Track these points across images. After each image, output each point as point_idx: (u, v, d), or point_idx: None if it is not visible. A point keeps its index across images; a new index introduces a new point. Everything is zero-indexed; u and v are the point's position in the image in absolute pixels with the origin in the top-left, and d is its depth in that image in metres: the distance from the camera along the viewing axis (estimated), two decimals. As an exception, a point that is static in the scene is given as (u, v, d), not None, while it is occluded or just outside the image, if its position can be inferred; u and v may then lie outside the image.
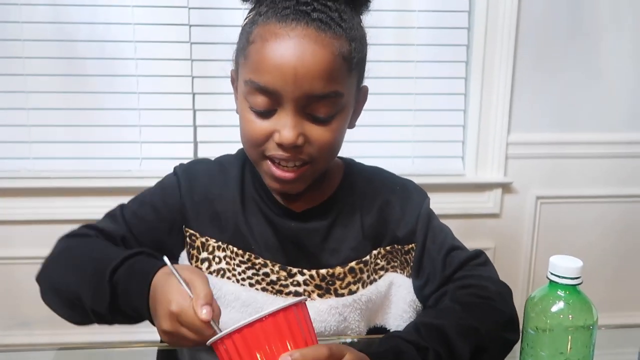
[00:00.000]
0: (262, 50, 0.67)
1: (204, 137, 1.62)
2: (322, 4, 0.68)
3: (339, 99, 0.68)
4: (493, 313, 0.69)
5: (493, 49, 1.61)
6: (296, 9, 0.66)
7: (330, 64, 0.66)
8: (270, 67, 0.66)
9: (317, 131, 0.69)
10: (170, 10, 1.55)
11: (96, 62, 1.56)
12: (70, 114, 1.59)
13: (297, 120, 0.67)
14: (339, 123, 0.70)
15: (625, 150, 1.71)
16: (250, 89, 0.68)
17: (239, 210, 0.78)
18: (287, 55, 0.65)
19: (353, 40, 0.69)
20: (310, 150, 0.69)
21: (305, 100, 0.67)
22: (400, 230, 0.79)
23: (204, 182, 0.80)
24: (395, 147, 1.68)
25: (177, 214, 0.78)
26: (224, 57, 1.67)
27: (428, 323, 0.65)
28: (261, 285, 0.76)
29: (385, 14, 1.59)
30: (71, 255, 0.73)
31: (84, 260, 0.71)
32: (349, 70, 0.69)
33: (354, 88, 0.72)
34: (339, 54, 0.67)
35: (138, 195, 0.81)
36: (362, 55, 0.72)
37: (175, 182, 0.79)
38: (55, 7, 1.53)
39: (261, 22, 0.68)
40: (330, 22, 0.67)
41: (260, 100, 0.68)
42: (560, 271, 0.57)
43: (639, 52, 1.66)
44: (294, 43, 0.65)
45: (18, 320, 1.65)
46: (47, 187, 1.58)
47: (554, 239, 1.74)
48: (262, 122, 0.69)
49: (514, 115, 1.66)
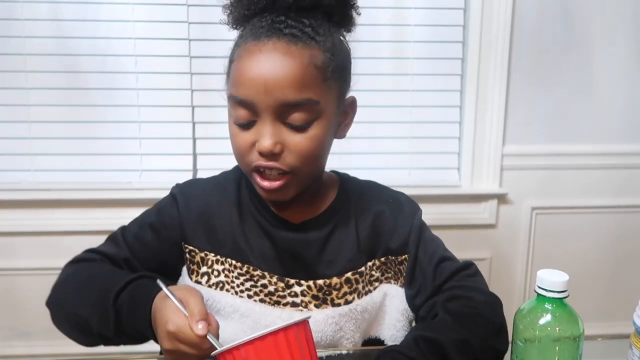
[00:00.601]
0: (238, 67, 0.71)
1: (203, 149, 1.64)
2: (296, 20, 0.72)
3: (314, 107, 0.71)
4: (483, 324, 0.71)
5: (487, 62, 1.63)
6: (270, 27, 0.71)
7: (300, 72, 0.69)
8: (245, 80, 0.70)
9: (295, 139, 0.71)
10: (170, 24, 1.57)
11: (97, 75, 1.58)
12: (71, 127, 1.61)
13: (274, 129, 0.71)
14: (318, 131, 0.72)
15: (618, 161, 1.73)
16: (233, 104, 0.73)
17: (236, 224, 0.80)
18: (258, 68, 0.69)
19: (328, 51, 0.72)
20: (290, 159, 0.72)
21: (280, 108, 0.70)
22: (394, 242, 0.81)
23: (201, 199, 0.82)
24: (392, 159, 1.70)
25: (176, 232, 0.81)
26: (223, 71, 1.70)
27: (426, 337, 0.66)
28: (259, 296, 0.78)
29: (381, 28, 1.62)
30: (77, 280, 0.76)
31: (89, 285, 0.74)
32: (324, 79, 0.72)
33: (333, 97, 0.74)
34: (309, 63, 0.70)
35: (138, 217, 0.84)
36: (339, 65, 0.74)
37: (173, 202, 0.82)
38: (57, 22, 1.56)
39: (241, 43, 0.73)
40: (302, 35, 0.71)
41: (241, 113, 0.72)
42: (547, 285, 0.58)
43: (631, 64, 1.68)
44: (264, 56, 0.69)
45: (18, 331, 1.66)
46: (48, 199, 1.60)
47: (549, 249, 1.76)
48: (244, 133, 0.72)
49: (508, 127, 1.68)
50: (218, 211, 0.81)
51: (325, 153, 0.78)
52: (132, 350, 0.93)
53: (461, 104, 1.68)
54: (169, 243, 0.81)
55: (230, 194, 0.82)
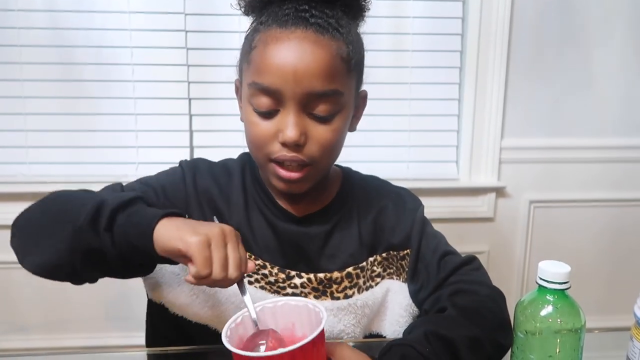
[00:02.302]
0: (264, 54, 0.69)
1: (200, 142, 1.63)
2: (320, 10, 0.71)
3: (338, 98, 0.71)
4: (490, 318, 0.70)
5: (486, 55, 1.62)
6: (295, 15, 0.69)
7: (328, 63, 0.68)
8: (272, 67, 0.68)
9: (319, 130, 0.71)
10: (167, 16, 1.56)
11: (93, 67, 1.57)
12: (67, 119, 1.60)
13: (299, 119, 0.69)
14: (340, 123, 0.72)
15: (616, 154, 1.73)
16: (254, 91, 0.70)
17: (241, 211, 0.79)
18: (287, 56, 0.68)
19: (350, 44, 0.72)
20: (312, 150, 0.71)
21: (306, 98, 0.69)
22: (396, 237, 0.81)
23: (209, 179, 0.80)
24: (390, 152, 1.69)
25: (182, 204, 0.78)
26: (220, 63, 1.68)
27: (436, 332, 0.65)
28: (260, 283, 0.78)
29: (380, 20, 1.61)
30: (65, 195, 0.73)
31: (80, 195, 0.71)
32: (348, 70, 0.71)
33: (353, 90, 0.74)
34: (337, 55, 0.69)
35: (141, 178, 0.81)
36: (359, 58, 0.74)
37: (181, 175, 0.80)
38: (52, 13, 1.54)
39: (262, 29, 0.71)
40: (328, 26, 0.70)
41: (263, 101, 0.70)
42: (549, 276, 0.58)
43: (629, 58, 1.68)
44: (293, 44, 0.68)
45: (15, 325, 1.65)
46: (43, 192, 1.55)
47: (547, 243, 1.76)
48: (266, 123, 0.71)
49: (507, 121, 1.68)
50: (223, 196, 0.80)
51: (342, 145, 0.77)
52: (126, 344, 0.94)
53: (460, 97, 1.68)
54: (171, 207, 0.76)
55: (235, 181, 0.81)
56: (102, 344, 1.57)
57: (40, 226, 0.69)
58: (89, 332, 1.63)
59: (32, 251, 0.69)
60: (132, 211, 0.63)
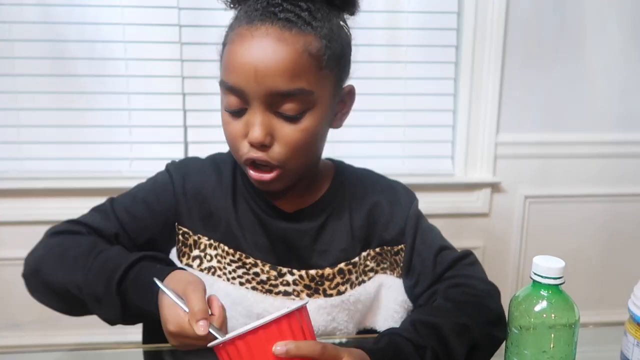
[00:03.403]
0: (229, 52, 0.69)
1: (194, 137, 1.62)
2: (293, 3, 0.69)
3: (307, 97, 0.69)
4: (483, 311, 0.70)
5: (482, 50, 1.62)
6: (265, 10, 0.68)
7: (293, 60, 0.67)
8: (235, 66, 0.68)
9: (286, 129, 0.69)
10: (161, 10, 1.55)
11: (86, 62, 1.56)
12: (60, 115, 1.58)
13: (265, 118, 0.68)
14: (311, 121, 0.70)
15: (613, 150, 1.73)
16: (223, 90, 0.71)
17: (230, 209, 0.78)
18: (248, 54, 0.67)
19: (324, 38, 0.69)
20: (279, 151, 0.69)
21: (271, 97, 0.67)
22: (389, 232, 0.80)
23: (197, 179, 0.80)
24: (385, 147, 1.69)
25: (171, 211, 0.78)
26: (214, 58, 1.68)
27: (424, 321, 0.66)
28: (251, 284, 0.77)
29: (375, 14, 1.60)
30: (67, 255, 0.72)
31: (84, 261, 0.70)
32: (318, 67, 0.69)
33: (329, 86, 0.72)
34: (304, 51, 0.67)
35: (129, 191, 0.81)
36: (336, 53, 0.71)
37: (169, 179, 0.80)
38: (44, 6, 1.52)
39: (234, 26, 0.71)
40: (297, 20, 0.68)
41: (231, 100, 0.69)
42: (543, 271, 0.58)
43: (625, 53, 1.68)
44: (255, 42, 0.67)
45: (8, 322, 1.64)
46: (36, 188, 1.57)
47: (543, 238, 1.76)
48: (236, 122, 0.71)
49: (502, 116, 1.68)
50: (213, 195, 0.79)
51: (319, 144, 0.75)
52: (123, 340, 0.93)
53: (455, 92, 1.67)
54: (161, 221, 0.78)
55: (225, 178, 0.80)
56: (96, 341, 1.56)
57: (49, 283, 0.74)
58: (83, 328, 1.62)
59: (43, 301, 0.76)
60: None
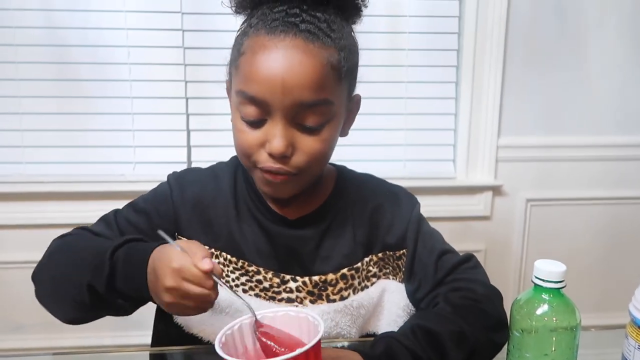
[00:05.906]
0: (251, 62, 0.68)
1: (197, 141, 1.63)
2: (311, 14, 0.69)
3: (328, 108, 0.69)
4: (482, 316, 0.70)
5: (483, 54, 1.63)
6: (285, 21, 0.67)
7: (318, 73, 0.67)
8: (259, 77, 0.67)
9: (307, 141, 0.69)
10: (164, 15, 1.56)
11: (89, 66, 1.57)
12: (63, 119, 1.59)
13: (286, 130, 0.68)
14: (330, 132, 0.71)
15: (613, 153, 1.74)
16: (241, 100, 0.69)
17: (232, 217, 0.79)
18: (275, 66, 0.66)
19: (342, 50, 0.70)
20: (299, 160, 0.70)
21: (294, 109, 0.67)
22: (391, 237, 0.80)
23: (197, 189, 0.80)
24: (387, 151, 1.70)
25: (171, 222, 0.79)
26: (217, 62, 1.67)
27: (423, 326, 0.66)
28: (254, 291, 0.77)
29: (377, 19, 1.61)
30: (71, 249, 0.73)
31: (84, 250, 0.71)
32: (339, 79, 0.70)
33: (344, 97, 0.73)
34: (327, 63, 0.68)
35: (132, 202, 0.82)
36: (351, 64, 0.72)
37: (168, 191, 0.80)
38: (47, 12, 1.54)
39: (252, 34, 0.69)
40: (319, 32, 0.68)
41: (250, 110, 0.69)
42: (545, 275, 0.58)
43: (625, 56, 1.68)
44: (282, 54, 0.66)
45: (12, 325, 1.65)
46: (40, 192, 1.58)
47: (544, 241, 1.76)
48: (253, 132, 0.70)
49: (504, 119, 1.68)
50: (214, 203, 0.79)
51: (332, 152, 0.76)
52: (124, 343, 0.94)
53: (456, 95, 1.68)
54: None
55: (226, 187, 0.80)
56: (100, 344, 1.57)
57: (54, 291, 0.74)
58: (87, 331, 1.62)
59: (56, 313, 0.75)
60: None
